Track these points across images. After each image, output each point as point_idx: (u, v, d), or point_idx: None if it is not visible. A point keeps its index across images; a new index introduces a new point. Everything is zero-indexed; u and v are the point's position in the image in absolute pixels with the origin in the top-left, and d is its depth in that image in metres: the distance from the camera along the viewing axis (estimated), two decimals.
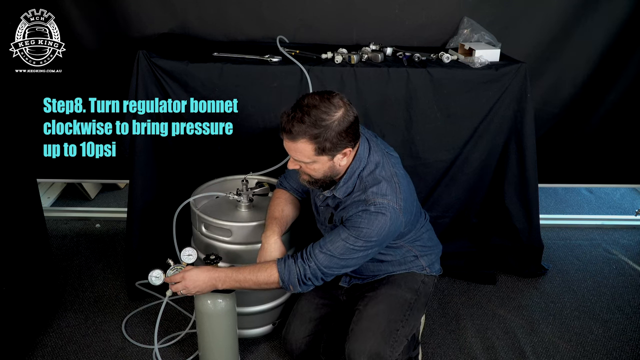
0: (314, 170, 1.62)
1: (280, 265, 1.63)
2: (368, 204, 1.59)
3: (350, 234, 1.59)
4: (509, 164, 2.35)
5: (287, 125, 1.53)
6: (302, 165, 1.62)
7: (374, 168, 1.66)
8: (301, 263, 1.62)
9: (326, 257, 1.61)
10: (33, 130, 2.14)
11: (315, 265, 1.61)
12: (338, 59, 2.19)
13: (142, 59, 2.05)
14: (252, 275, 1.64)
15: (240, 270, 1.66)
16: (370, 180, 1.63)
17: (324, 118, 1.52)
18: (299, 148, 1.55)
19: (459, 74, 2.18)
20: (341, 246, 1.60)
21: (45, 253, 2.17)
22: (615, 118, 2.65)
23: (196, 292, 1.67)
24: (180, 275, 1.66)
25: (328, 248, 1.61)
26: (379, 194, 1.59)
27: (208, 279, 1.65)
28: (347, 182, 1.65)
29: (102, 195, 3.22)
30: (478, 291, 2.42)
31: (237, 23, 2.42)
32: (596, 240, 2.86)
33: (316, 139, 1.53)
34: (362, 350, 1.65)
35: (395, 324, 1.72)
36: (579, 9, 2.43)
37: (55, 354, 2.00)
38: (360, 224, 1.58)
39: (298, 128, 1.52)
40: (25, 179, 2.01)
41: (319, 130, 1.52)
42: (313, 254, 1.62)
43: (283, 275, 1.62)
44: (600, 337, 2.17)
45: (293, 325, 1.87)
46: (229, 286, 1.67)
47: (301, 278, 1.62)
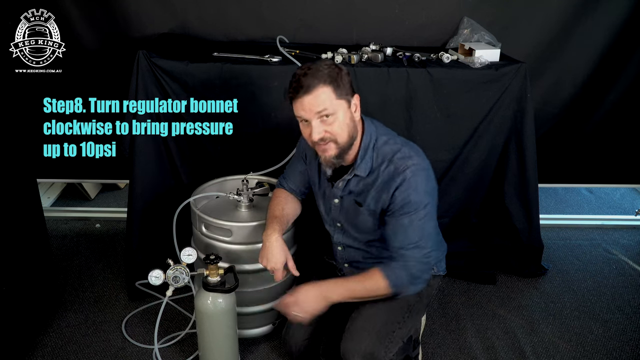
0: (339, 127, 1.56)
1: (385, 271, 1.61)
2: (400, 171, 1.58)
3: (410, 214, 1.58)
4: (509, 164, 2.35)
5: (300, 82, 1.53)
6: (326, 126, 1.56)
7: (387, 139, 1.66)
8: (403, 266, 1.60)
9: (414, 250, 1.60)
10: (33, 130, 2.14)
11: (414, 261, 1.60)
12: (338, 59, 2.19)
13: (142, 59, 2.05)
14: (361, 285, 1.63)
15: (348, 280, 1.69)
16: (388, 149, 1.63)
17: (322, 66, 1.55)
18: (319, 95, 1.52)
19: (459, 74, 2.18)
20: (413, 230, 1.59)
21: (45, 253, 2.17)
22: (615, 118, 2.65)
23: (312, 310, 1.63)
24: (292, 298, 1.64)
25: (409, 242, 1.59)
26: (405, 158, 1.60)
27: (319, 293, 1.63)
28: (364, 157, 1.64)
29: (102, 195, 3.22)
30: (478, 291, 2.42)
31: (237, 23, 2.43)
32: (596, 240, 2.86)
33: (332, 80, 1.53)
34: (356, 349, 1.64)
35: (392, 325, 1.71)
36: (579, 9, 2.43)
37: (55, 354, 2.00)
38: (409, 197, 1.57)
39: (312, 78, 1.52)
40: (25, 179, 2.01)
41: (328, 71, 1.53)
42: (403, 255, 1.60)
43: (392, 281, 1.61)
44: (600, 337, 2.17)
45: (293, 326, 1.86)
46: (340, 296, 1.63)
47: (410, 279, 1.62)
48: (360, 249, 1.81)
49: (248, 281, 1.93)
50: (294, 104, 1.57)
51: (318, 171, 1.81)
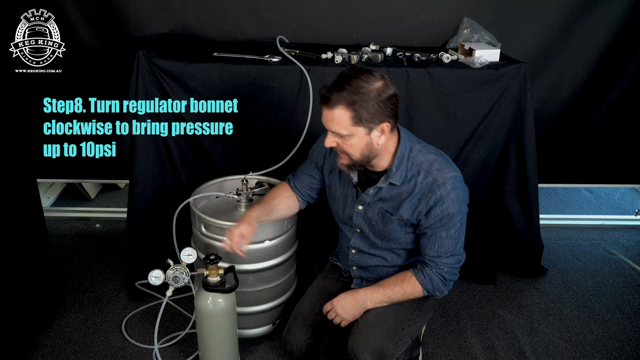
0: (351, 147, 1.56)
1: (420, 278, 1.68)
2: (439, 184, 1.60)
3: (449, 227, 1.63)
4: (509, 164, 2.35)
5: (326, 93, 1.52)
6: (339, 141, 1.57)
7: (421, 147, 1.67)
8: (437, 272, 1.67)
9: (449, 258, 1.67)
10: (33, 130, 2.14)
11: (448, 268, 1.68)
12: (338, 59, 2.19)
13: (142, 59, 2.05)
14: (400, 288, 1.70)
15: (384, 285, 1.72)
16: (423, 159, 1.64)
17: (363, 86, 1.49)
18: (336, 116, 1.52)
19: (459, 74, 2.18)
20: (449, 241, 1.65)
21: (45, 253, 2.17)
22: (615, 118, 2.65)
23: (349, 317, 1.73)
24: (330, 307, 1.76)
25: (444, 251, 1.66)
26: (443, 169, 1.62)
27: (355, 301, 1.73)
28: (399, 166, 1.63)
29: (102, 195, 3.22)
30: (478, 291, 2.42)
31: (237, 23, 2.42)
32: (596, 240, 2.86)
33: (353, 106, 1.49)
34: (366, 345, 1.65)
35: (402, 322, 1.72)
36: (579, 9, 2.43)
37: (55, 354, 2.00)
38: (448, 210, 1.61)
39: (337, 95, 1.50)
40: (25, 179, 2.01)
41: (357, 97, 1.49)
42: (437, 263, 1.67)
43: (427, 286, 1.68)
44: (600, 337, 2.17)
45: (295, 326, 1.85)
46: (378, 302, 1.72)
47: (444, 283, 1.69)
48: (375, 255, 1.81)
49: (248, 281, 1.93)
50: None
51: (339, 176, 1.79)
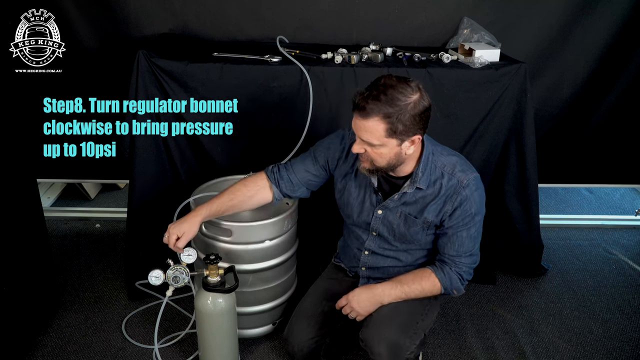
0: (379, 156, 1.56)
1: (439, 274, 1.71)
2: (463, 185, 1.63)
3: (470, 226, 1.67)
4: (509, 164, 2.35)
5: (361, 102, 1.49)
6: (368, 149, 1.56)
7: (441, 150, 1.70)
8: (456, 271, 1.71)
9: (467, 258, 1.71)
10: (33, 130, 2.14)
11: (466, 267, 1.72)
12: (338, 59, 2.19)
13: (142, 59, 2.05)
14: (418, 285, 1.72)
15: (402, 281, 1.73)
16: (445, 161, 1.66)
17: (400, 98, 1.47)
18: (370, 127, 1.50)
19: (459, 74, 2.18)
20: (469, 241, 1.69)
21: (45, 253, 2.17)
22: (615, 118, 2.65)
23: (365, 312, 1.73)
24: (345, 302, 1.75)
25: (464, 250, 1.69)
26: (465, 171, 1.65)
27: (372, 296, 1.73)
28: (425, 170, 1.64)
29: (102, 195, 3.22)
30: (478, 291, 2.42)
31: (237, 23, 2.42)
32: (596, 240, 2.86)
33: (389, 119, 1.48)
34: (382, 337, 1.65)
35: (416, 316, 1.73)
36: (579, 9, 2.43)
37: (55, 354, 2.00)
38: (471, 210, 1.65)
39: (373, 105, 1.47)
40: (25, 179, 2.01)
41: (394, 109, 1.47)
42: (457, 262, 1.70)
43: (446, 284, 1.71)
44: (600, 337, 2.17)
45: (297, 326, 1.84)
46: (395, 298, 1.72)
47: (462, 282, 1.73)
48: (389, 256, 1.82)
49: (248, 281, 1.93)
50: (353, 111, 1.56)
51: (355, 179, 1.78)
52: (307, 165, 1.82)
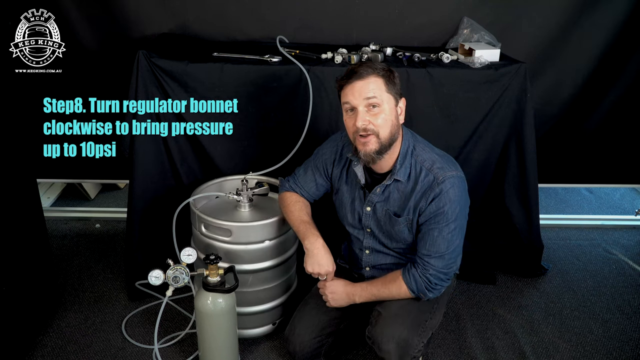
0: (384, 120, 1.60)
1: (405, 277, 1.71)
2: (439, 181, 1.63)
3: (443, 225, 1.65)
4: (509, 164, 2.35)
5: (355, 69, 1.61)
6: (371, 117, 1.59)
7: (424, 146, 1.72)
8: (422, 272, 1.69)
9: (438, 260, 1.67)
10: (33, 130, 2.14)
11: (434, 270, 1.68)
12: (338, 59, 2.19)
13: (142, 59, 2.05)
14: (386, 289, 1.74)
15: (373, 284, 1.77)
16: (426, 157, 1.68)
17: (377, 65, 1.64)
18: (371, 82, 1.59)
19: (459, 74, 2.18)
20: (441, 241, 1.66)
21: (45, 253, 2.17)
22: (615, 118, 2.65)
23: (335, 303, 1.79)
24: (322, 283, 1.81)
25: (434, 250, 1.67)
26: (444, 168, 1.66)
27: (345, 293, 1.78)
28: (403, 162, 1.67)
29: (102, 195, 3.22)
30: (478, 291, 2.42)
31: (237, 23, 2.42)
32: (596, 240, 2.86)
33: (385, 75, 1.61)
34: (392, 335, 1.65)
35: (424, 314, 1.74)
36: (579, 9, 2.43)
37: (55, 354, 2.00)
38: (444, 208, 1.63)
39: (366, 67, 1.60)
40: (25, 179, 2.01)
41: (382, 69, 1.62)
42: (425, 262, 1.68)
43: (411, 286, 1.70)
44: (600, 337, 2.17)
45: (299, 326, 1.84)
46: (365, 299, 1.77)
47: (428, 286, 1.69)
48: (389, 254, 1.83)
49: (248, 281, 1.93)
50: (344, 91, 1.62)
51: (346, 180, 1.82)
52: (315, 175, 1.89)
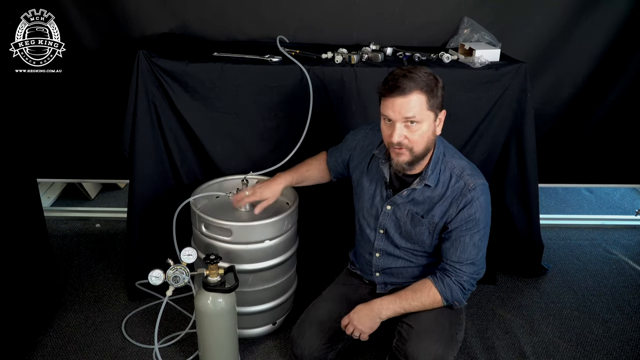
0: (420, 137, 1.57)
1: (439, 286, 1.69)
2: (470, 188, 1.64)
3: (474, 232, 1.66)
4: (509, 164, 2.35)
5: (394, 84, 1.53)
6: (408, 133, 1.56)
7: (453, 153, 1.72)
8: (456, 280, 1.68)
9: (469, 266, 1.68)
10: (33, 130, 2.14)
11: (467, 277, 1.69)
12: (338, 59, 2.19)
13: (142, 59, 2.05)
14: (417, 301, 1.69)
15: (401, 297, 1.71)
16: (456, 163, 1.68)
17: (423, 75, 1.55)
18: (414, 100, 1.53)
19: (459, 74, 2.18)
20: (472, 248, 1.67)
21: (45, 253, 2.17)
22: (615, 118, 2.65)
23: (369, 329, 1.71)
24: (347, 320, 1.73)
25: (466, 258, 1.67)
26: (474, 175, 1.66)
27: (370, 312, 1.70)
28: (434, 169, 1.67)
29: (102, 195, 3.22)
30: (478, 291, 2.41)
31: (237, 23, 2.42)
32: (596, 240, 2.86)
33: (427, 88, 1.54)
34: (428, 352, 1.63)
35: (454, 327, 1.74)
36: (579, 9, 2.43)
37: (55, 354, 2.00)
38: (475, 215, 1.64)
39: (410, 82, 1.52)
40: (25, 179, 2.01)
41: (426, 83, 1.54)
42: (457, 270, 1.68)
43: (446, 295, 1.69)
44: (600, 337, 2.17)
45: (309, 330, 1.80)
46: (394, 313, 1.71)
47: (462, 294, 1.70)
48: (400, 257, 1.81)
49: (248, 281, 1.93)
50: (384, 102, 1.58)
51: (367, 172, 1.80)
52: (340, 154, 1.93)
